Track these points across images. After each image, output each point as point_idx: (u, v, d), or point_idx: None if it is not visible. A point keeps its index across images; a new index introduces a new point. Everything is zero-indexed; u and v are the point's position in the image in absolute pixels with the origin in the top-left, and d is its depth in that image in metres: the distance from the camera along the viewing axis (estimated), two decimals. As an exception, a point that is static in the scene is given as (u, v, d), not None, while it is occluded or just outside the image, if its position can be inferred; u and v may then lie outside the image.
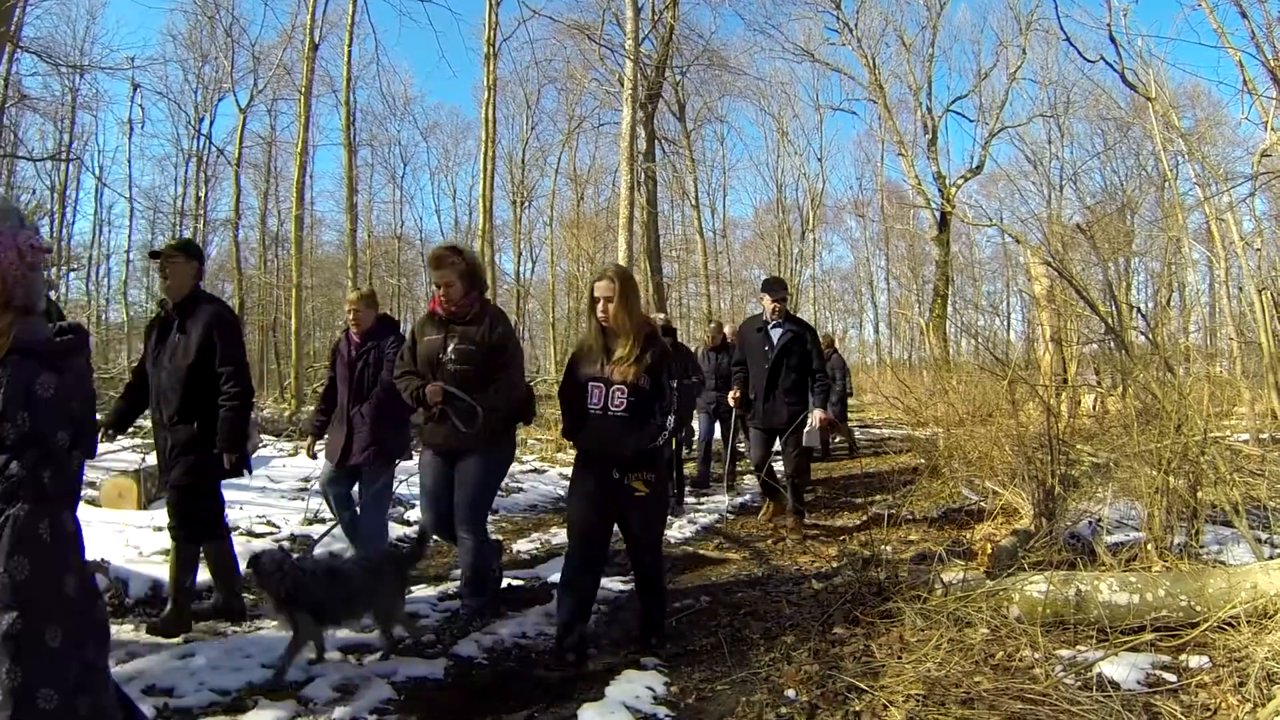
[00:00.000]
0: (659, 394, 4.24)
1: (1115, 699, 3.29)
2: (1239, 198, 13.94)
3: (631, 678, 3.93)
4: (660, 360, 4.28)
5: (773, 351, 7.38)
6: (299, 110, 19.63)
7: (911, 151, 28.71)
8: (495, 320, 4.89)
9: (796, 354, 7.38)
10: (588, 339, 4.46)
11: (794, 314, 7.99)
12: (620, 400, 4.22)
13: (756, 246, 44.97)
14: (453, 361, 4.78)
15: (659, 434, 4.22)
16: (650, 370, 4.24)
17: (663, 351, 4.34)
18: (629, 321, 4.27)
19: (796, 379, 7.35)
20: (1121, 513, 5.82)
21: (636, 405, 4.22)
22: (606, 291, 4.26)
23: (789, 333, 7.41)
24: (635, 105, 17.32)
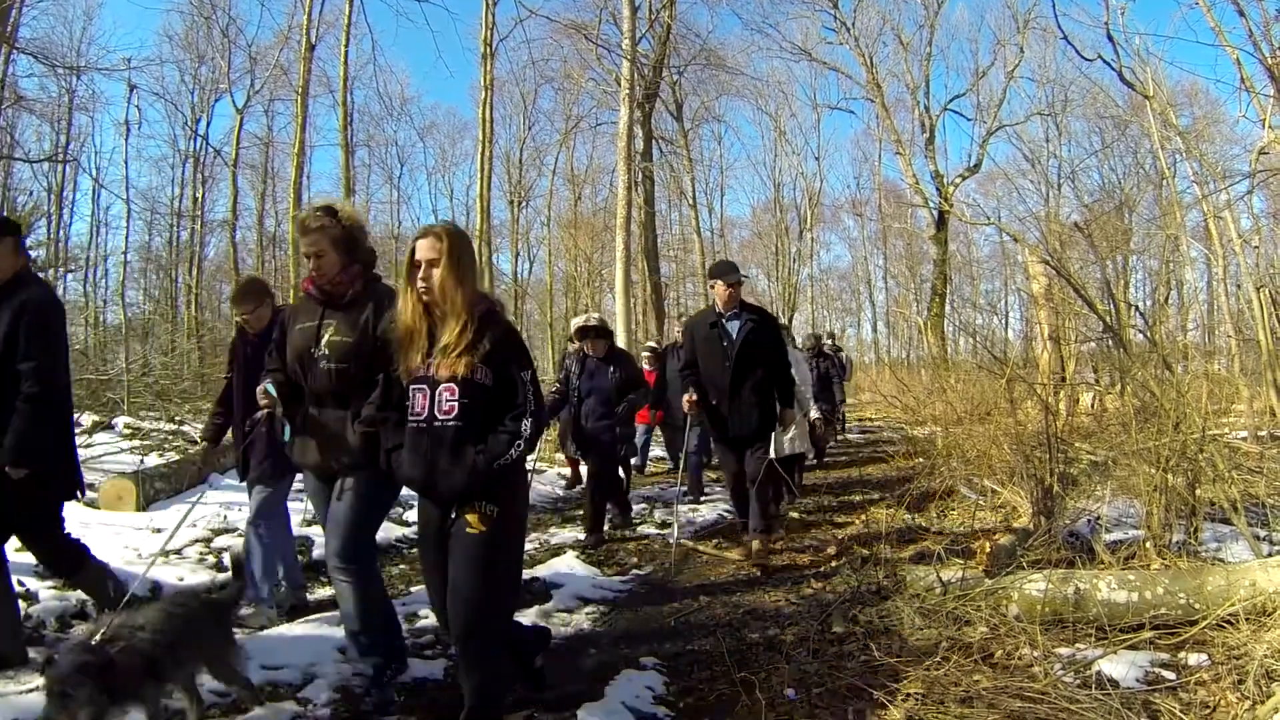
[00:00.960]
0: (508, 391, 3.17)
1: (1114, 697, 3.29)
2: (1237, 195, 13.99)
3: (631, 677, 3.93)
4: (505, 346, 3.19)
5: (733, 348, 6.24)
6: (296, 111, 19.64)
7: (909, 150, 28.70)
8: (383, 303, 3.69)
9: (762, 348, 6.28)
10: (404, 320, 3.23)
11: (750, 302, 6.76)
12: (450, 405, 3.11)
13: (754, 246, 44.92)
14: (326, 358, 3.71)
15: (510, 448, 3.09)
16: (491, 359, 3.13)
17: (506, 333, 3.24)
18: (460, 295, 3.13)
19: (764, 378, 6.28)
20: (1120, 511, 5.83)
21: (472, 410, 3.10)
22: (430, 252, 3.14)
23: (749, 323, 6.29)
24: (632, 105, 17.32)
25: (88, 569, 4.34)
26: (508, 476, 3.13)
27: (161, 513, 7.09)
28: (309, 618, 4.88)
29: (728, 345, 6.31)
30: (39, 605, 4.62)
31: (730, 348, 6.29)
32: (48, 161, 26.20)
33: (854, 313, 47.99)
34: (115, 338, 23.11)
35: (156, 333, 25.47)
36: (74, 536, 4.33)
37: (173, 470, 8.31)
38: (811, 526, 7.75)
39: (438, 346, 3.15)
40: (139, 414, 13.22)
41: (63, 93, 26.86)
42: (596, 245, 33.35)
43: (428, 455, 3.13)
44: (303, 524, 6.94)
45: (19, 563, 5.09)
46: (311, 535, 6.70)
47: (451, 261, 3.13)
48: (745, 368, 6.26)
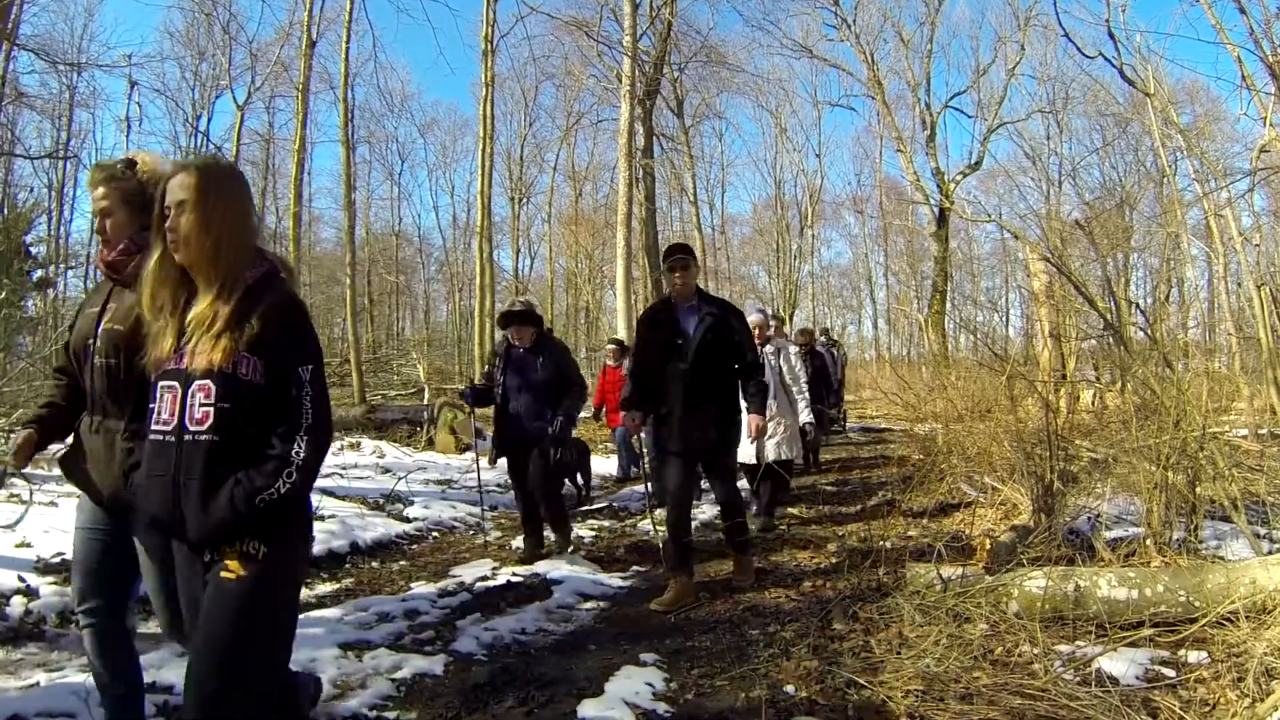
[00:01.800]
0: (280, 392, 2.28)
1: (1114, 694, 3.29)
2: (1237, 193, 13.99)
3: (631, 673, 3.93)
4: (282, 328, 2.30)
5: (689, 345, 5.34)
6: (297, 107, 19.65)
7: (910, 147, 28.69)
8: None
9: (724, 347, 5.43)
10: (147, 288, 2.37)
11: (708, 293, 5.93)
12: (204, 411, 2.21)
13: (755, 243, 44.99)
14: (100, 352, 2.81)
15: (277, 479, 2.21)
16: (261, 347, 2.25)
17: (286, 310, 2.34)
18: (217, 249, 2.29)
19: (724, 380, 5.48)
20: (1120, 508, 5.83)
21: (234, 418, 2.22)
22: (180, 192, 2.29)
23: (708, 318, 5.40)
24: (633, 102, 17.33)
25: None
26: (280, 507, 2.23)
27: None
28: (309, 614, 4.88)
29: (683, 344, 5.38)
30: (40, 601, 4.62)
31: (686, 345, 5.36)
32: (48, 158, 26.27)
33: (855, 310, 48.11)
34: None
35: (157, 329, 25.43)
36: None
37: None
38: (812, 523, 7.74)
39: (191, 321, 2.29)
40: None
41: (63, 89, 26.97)
42: (597, 242, 33.41)
43: (173, 482, 2.24)
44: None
45: (20, 558, 5.11)
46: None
47: (204, 202, 2.28)
48: (703, 370, 5.34)
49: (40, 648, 4.20)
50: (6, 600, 4.52)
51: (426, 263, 44.96)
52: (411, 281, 43.85)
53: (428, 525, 7.72)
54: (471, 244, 34.51)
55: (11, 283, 12.47)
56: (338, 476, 9.47)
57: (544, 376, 6.42)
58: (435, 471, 10.60)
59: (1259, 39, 10.61)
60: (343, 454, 11.47)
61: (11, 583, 4.71)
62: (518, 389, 6.44)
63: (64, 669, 3.91)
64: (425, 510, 8.13)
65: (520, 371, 6.47)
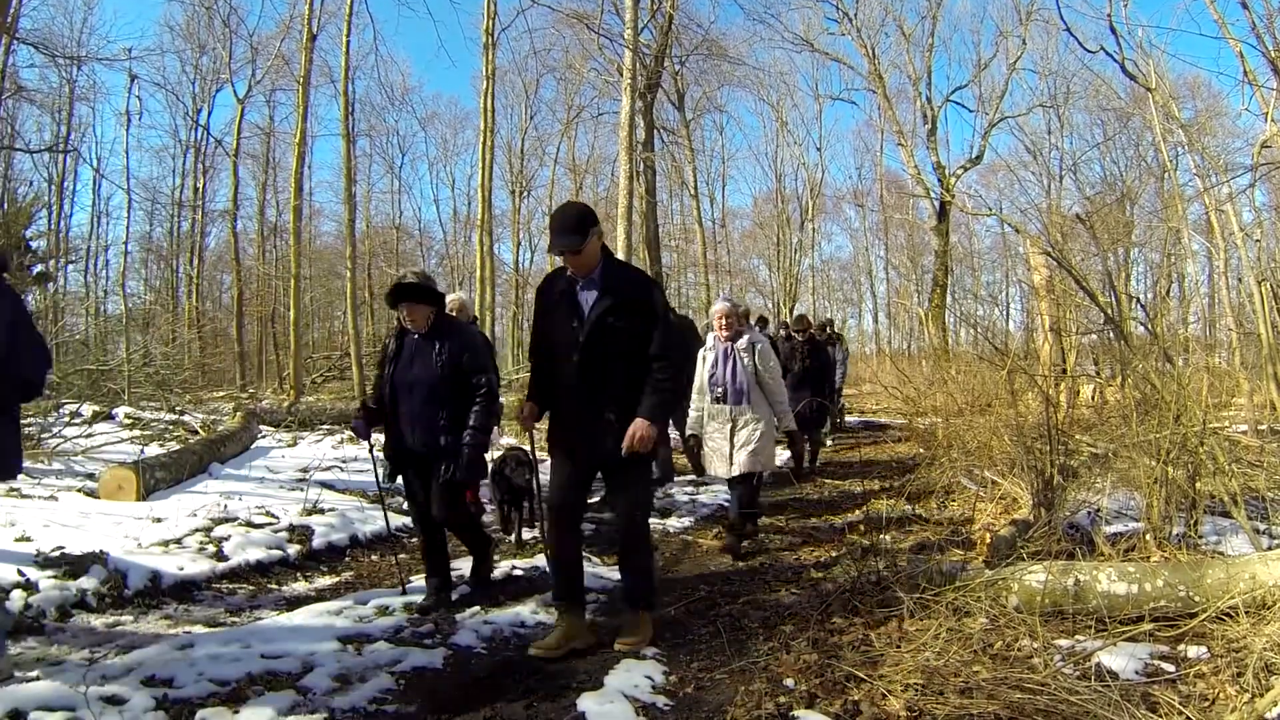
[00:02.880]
0: None
1: (1113, 689, 3.29)
2: (1239, 189, 13.92)
3: (630, 667, 3.93)
4: None
5: (583, 329, 4.21)
6: (297, 101, 19.63)
7: (911, 141, 28.64)
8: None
9: (623, 331, 4.20)
10: None
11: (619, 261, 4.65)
12: None
13: (756, 236, 44.95)
14: None
15: None
16: None
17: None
18: None
19: (629, 373, 4.22)
20: (1120, 503, 5.83)
21: None
22: None
23: (609, 296, 4.20)
24: (634, 95, 17.26)
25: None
26: None
27: (161, 502, 7.10)
28: (309, 607, 4.88)
29: (577, 326, 4.25)
30: (39, 595, 4.62)
31: (580, 329, 4.22)
32: (48, 152, 26.21)
33: (855, 303, 48.10)
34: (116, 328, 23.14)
35: (157, 323, 25.53)
36: None
37: (173, 460, 8.32)
38: (811, 517, 7.74)
39: None
40: (139, 404, 13.26)
41: (63, 83, 26.90)
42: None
43: None
44: (301, 514, 6.93)
45: (19, 552, 5.11)
46: (310, 525, 6.71)
47: None
48: (598, 363, 4.20)
49: (39, 641, 4.20)
50: (6, 594, 4.51)
51: (427, 256, 44.91)
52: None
53: (428, 519, 7.70)
54: (472, 237, 34.60)
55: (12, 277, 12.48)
56: (338, 470, 9.46)
57: (436, 373, 4.95)
58: (435, 465, 10.57)
59: (1261, 34, 10.58)
60: (342, 447, 11.46)
61: (11, 576, 4.71)
62: (409, 387, 5.01)
63: (63, 663, 3.91)
64: (425, 504, 8.10)
65: (413, 363, 5.03)
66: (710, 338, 6.60)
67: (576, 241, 4.11)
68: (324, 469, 9.27)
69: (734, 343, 6.43)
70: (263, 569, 5.87)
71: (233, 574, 5.65)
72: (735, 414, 6.38)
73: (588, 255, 4.16)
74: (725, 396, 6.41)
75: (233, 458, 9.86)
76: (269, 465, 9.45)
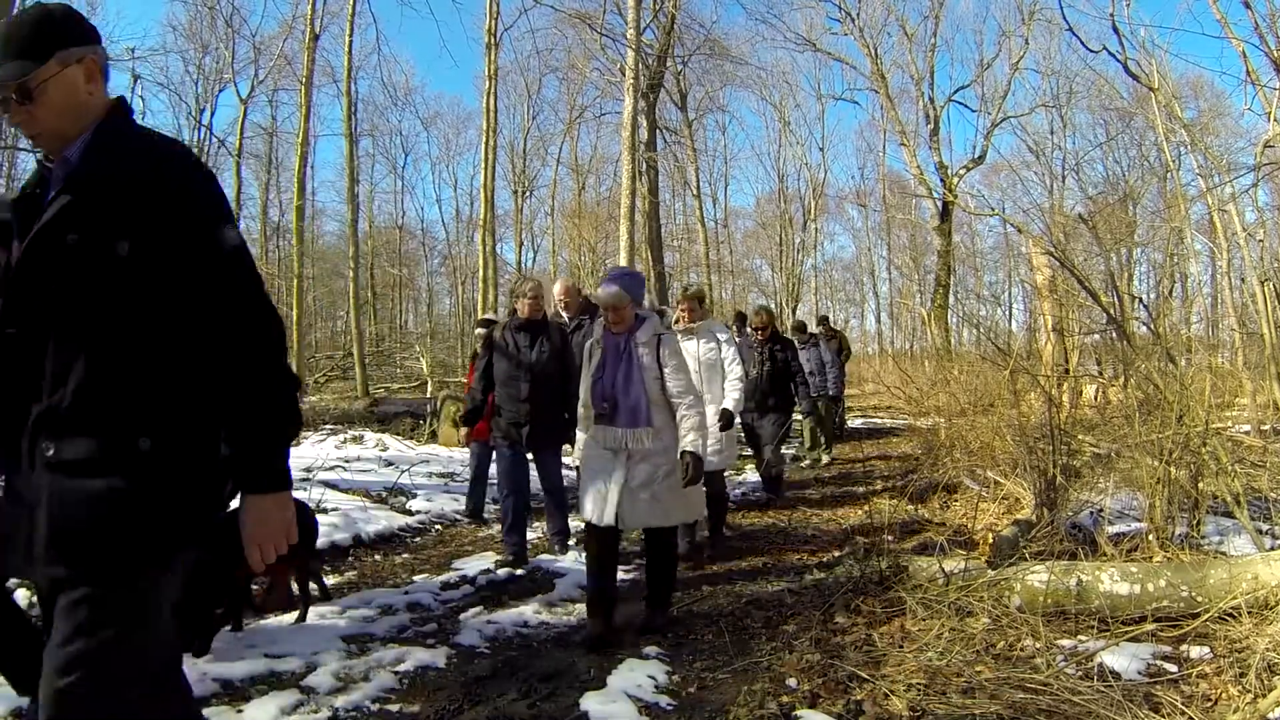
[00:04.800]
0: None
1: (1116, 689, 3.30)
2: (1242, 189, 13.92)
3: (633, 666, 3.94)
4: None
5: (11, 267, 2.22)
6: (300, 101, 19.63)
7: (914, 141, 28.67)
8: None
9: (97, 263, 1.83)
10: None
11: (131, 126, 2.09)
12: None
13: (758, 236, 45.02)
14: None
15: None
16: None
17: None
18: None
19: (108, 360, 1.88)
20: (1123, 503, 5.83)
21: None
22: None
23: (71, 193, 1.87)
24: (637, 95, 17.28)
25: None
26: None
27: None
28: (311, 607, 4.89)
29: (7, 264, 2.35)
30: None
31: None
32: (51, 151, 26.20)
33: (858, 303, 48.13)
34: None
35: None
36: None
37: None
38: (814, 516, 7.74)
39: None
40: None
41: (66, 82, 26.84)
42: (600, 235, 33.34)
43: None
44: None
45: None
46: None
47: None
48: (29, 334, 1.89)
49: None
50: (11, 592, 4.52)
51: (429, 256, 45.02)
52: (414, 275, 43.89)
53: (430, 518, 7.72)
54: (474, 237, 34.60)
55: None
56: (341, 469, 9.47)
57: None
58: (438, 465, 10.59)
59: (1264, 34, 10.60)
60: (345, 447, 11.47)
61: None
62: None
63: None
64: (428, 503, 8.13)
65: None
66: (597, 327, 4.73)
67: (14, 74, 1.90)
68: (327, 469, 9.28)
69: (632, 335, 4.52)
70: (266, 568, 5.86)
71: (236, 573, 5.65)
72: (628, 440, 4.43)
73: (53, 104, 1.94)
74: (613, 413, 4.48)
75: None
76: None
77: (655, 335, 4.50)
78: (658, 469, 4.39)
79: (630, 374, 4.44)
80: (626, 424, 4.42)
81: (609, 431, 4.46)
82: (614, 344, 4.52)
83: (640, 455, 4.40)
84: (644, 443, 4.39)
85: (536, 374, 5.93)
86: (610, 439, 4.45)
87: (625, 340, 4.49)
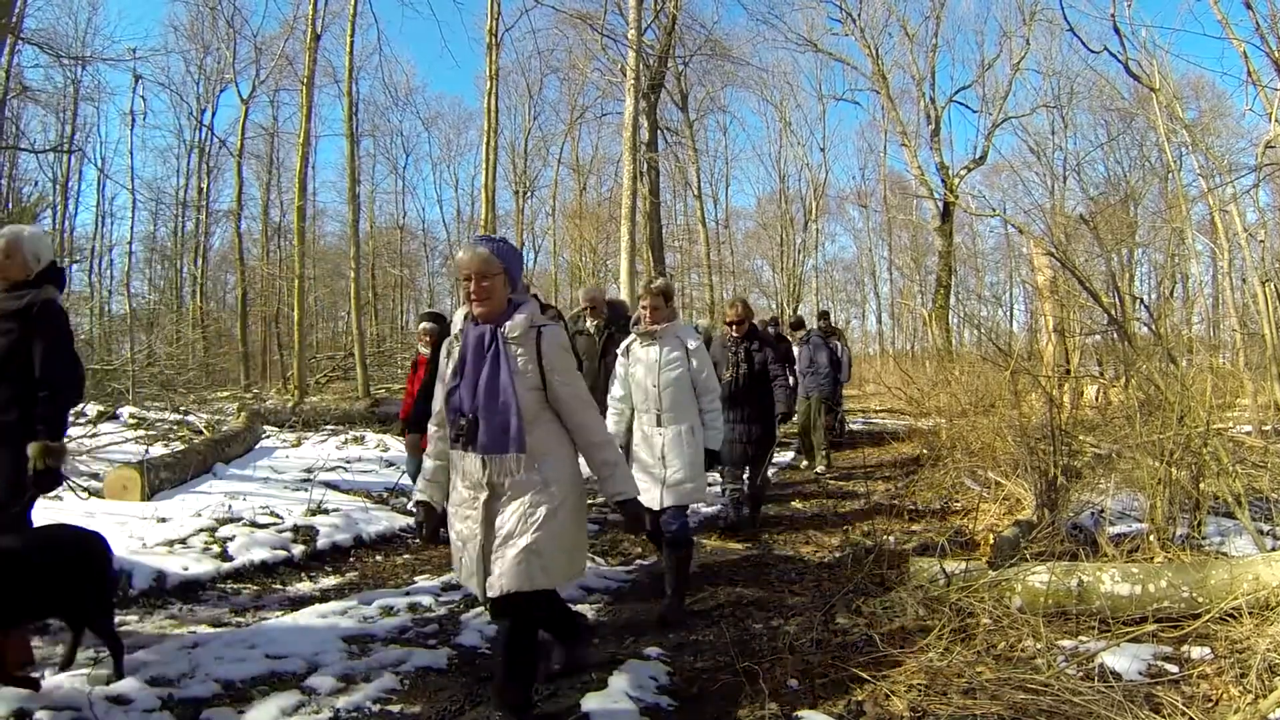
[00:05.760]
0: None
1: (1117, 689, 3.30)
2: (1243, 189, 13.90)
3: (634, 667, 3.94)
4: None
5: None
6: (301, 101, 19.61)
7: (914, 142, 28.63)
8: None
9: None
10: None
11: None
12: None
13: (759, 237, 44.88)
14: None
15: None
16: None
17: None
18: None
19: None
20: (1124, 504, 5.83)
21: None
22: None
23: None
24: (638, 95, 17.30)
25: None
26: None
27: (166, 502, 7.10)
28: (313, 607, 4.90)
29: None
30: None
31: None
32: (53, 152, 26.22)
33: (859, 304, 47.92)
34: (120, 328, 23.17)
35: (161, 323, 25.49)
36: None
37: (178, 460, 8.33)
38: (816, 518, 7.74)
39: None
40: (144, 404, 13.28)
41: (68, 83, 26.87)
42: (601, 236, 33.33)
43: None
44: (306, 514, 6.93)
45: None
46: (315, 525, 6.72)
47: None
48: None
49: (45, 641, 4.20)
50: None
51: (430, 256, 44.90)
52: (415, 275, 43.78)
53: (432, 519, 7.70)
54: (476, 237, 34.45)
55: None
56: (342, 470, 9.47)
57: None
58: (439, 465, 10.56)
59: (1265, 34, 10.57)
60: (347, 447, 11.47)
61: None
62: None
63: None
64: (429, 504, 8.10)
65: None
66: (458, 316, 3.51)
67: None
68: (328, 469, 9.28)
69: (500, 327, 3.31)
70: (267, 569, 5.87)
71: (237, 574, 5.66)
72: (492, 471, 3.25)
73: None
74: (472, 433, 3.27)
75: (237, 458, 9.85)
76: (273, 465, 9.45)
77: (533, 328, 3.30)
78: (534, 509, 3.22)
79: (496, 379, 3.24)
80: (489, 448, 3.22)
81: (466, 461, 3.28)
82: (478, 338, 3.31)
83: (509, 491, 3.24)
84: (512, 473, 3.23)
85: None
86: (469, 472, 3.29)
87: (491, 333, 3.29)
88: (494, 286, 3.29)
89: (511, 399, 3.21)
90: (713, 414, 5.16)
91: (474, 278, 3.26)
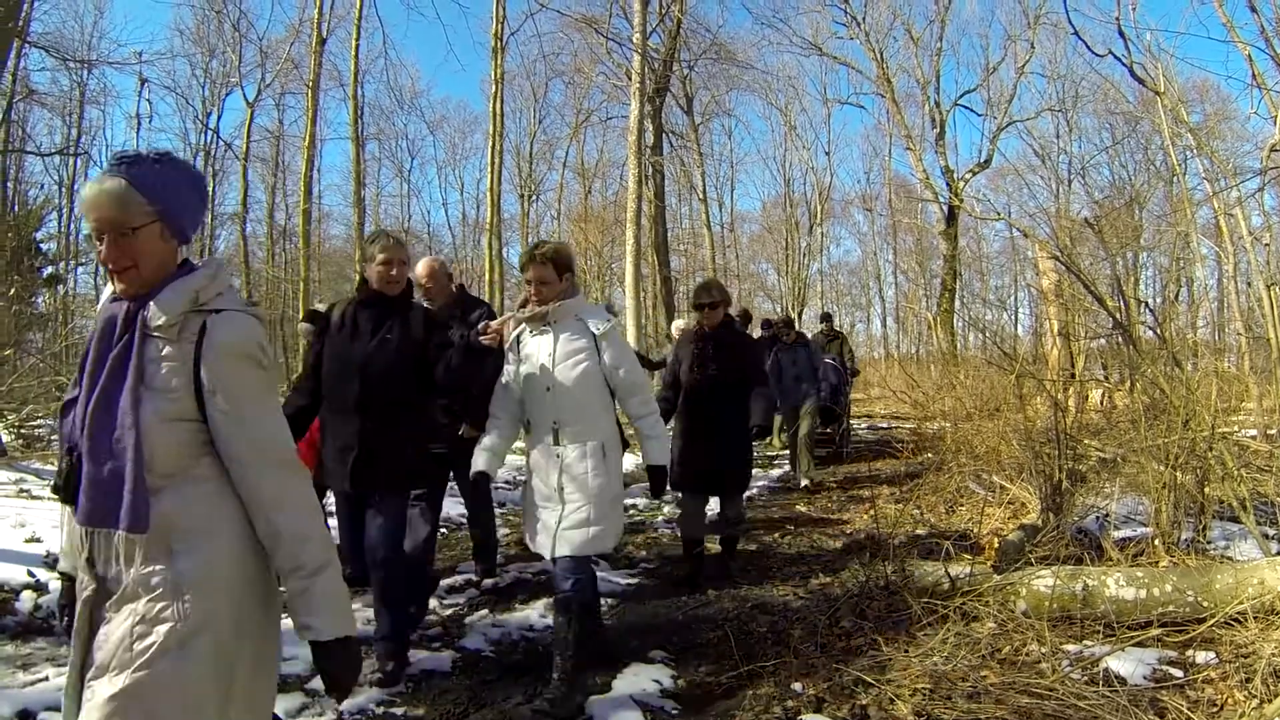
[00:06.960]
0: None
1: (1122, 694, 3.29)
2: (1248, 193, 13.88)
3: (639, 671, 3.94)
4: None
5: None
6: (306, 104, 19.65)
7: (919, 145, 28.59)
8: None
9: None
10: None
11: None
12: None
13: (764, 240, 44.90)
14: None
15: None
16: None
17: None
18: None
19: None
20: (1129, 508, 5.81)
21: None
22: None
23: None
24: (643, 99, 17.27)
25: None
26: None
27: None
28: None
29: None
30: (49, 596, 4.64)
31: None
32: (59, 155, 26.35)
33: (864, 308, 47.94)
34: (125, 330, 23.19)
35: (166, 325, 25.57)
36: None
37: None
38: (820, 521, 7.73)
39: None
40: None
41: (74, 86, 27.02)
42: (606, 239, 33.38)
43: None
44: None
45: (29, 553, 5.14)
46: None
47: None
48: None
49: (49, 642, 4.21)
50: (16, 595, 4.54)
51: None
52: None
53: (435, 522, 7.70)
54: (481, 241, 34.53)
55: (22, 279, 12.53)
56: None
57: None
58: (443, 468, 10.57)
59: (1270, 37, 10.56)
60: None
61: (20, 577, 4.73)
62: None
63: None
64: (433, 507, 8.10)
65: None
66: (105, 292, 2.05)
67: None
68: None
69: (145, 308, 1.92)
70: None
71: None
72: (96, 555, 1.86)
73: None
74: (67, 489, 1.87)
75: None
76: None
77: (197, 313, 1.89)
78: (139, 638, 1.77)
79: (114, 397, 1.80)
80: (89, 518, 1.81)
81: (71, 531, 1.95)
82: (106, 324, 1.89)
83: (118, 594, 1.83)
84: (114, 563, 1.83)
85: (372, 374, 3.89)
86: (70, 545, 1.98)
87: (127, 317, 1.86)
88: (137, 243, 1.84)
89: (130, 434, 1.76)
90: (649, 419, 4.00)
91: (105, 230, 1.83)
